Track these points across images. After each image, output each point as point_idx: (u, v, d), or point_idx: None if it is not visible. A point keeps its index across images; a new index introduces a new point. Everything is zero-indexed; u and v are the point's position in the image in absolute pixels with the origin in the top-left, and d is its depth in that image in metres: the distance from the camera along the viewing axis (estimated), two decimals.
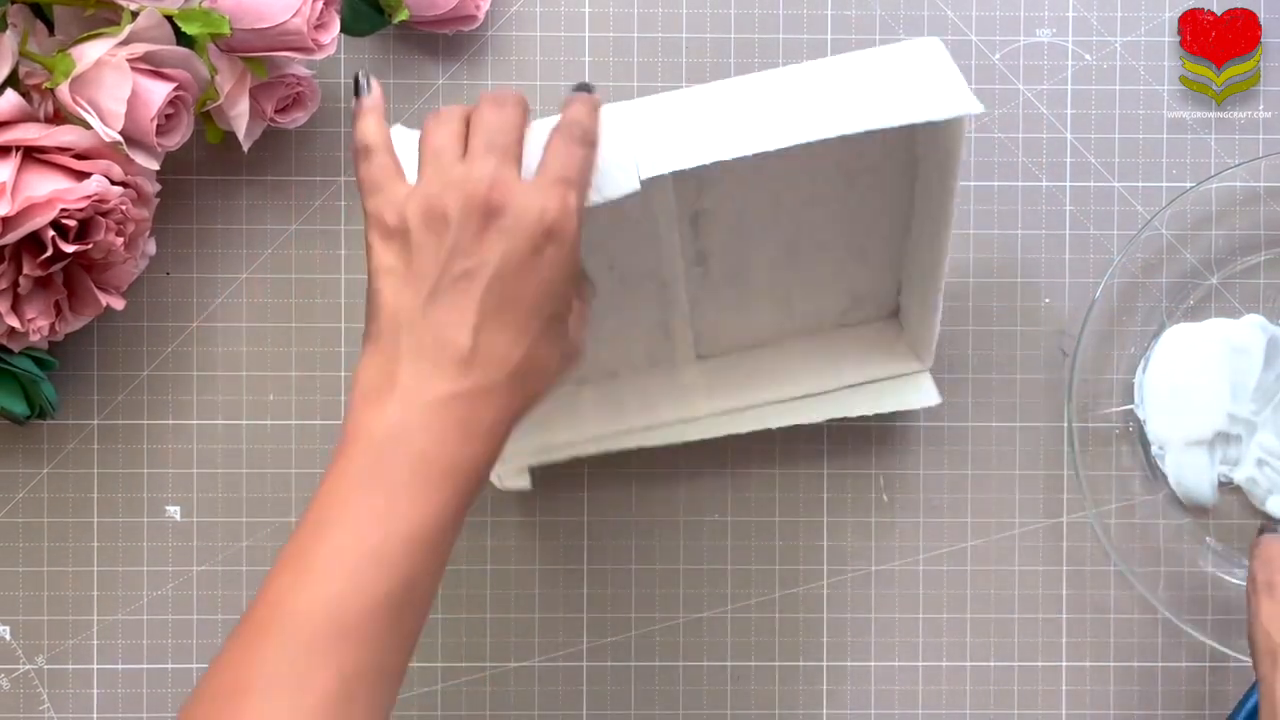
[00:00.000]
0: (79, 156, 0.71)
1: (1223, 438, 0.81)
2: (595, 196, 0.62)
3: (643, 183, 0.62)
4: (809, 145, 0.63)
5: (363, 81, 0.63)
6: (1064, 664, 0.82)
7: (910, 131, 0.71)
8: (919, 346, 0.79)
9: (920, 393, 0.79)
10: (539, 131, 0.61)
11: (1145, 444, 0.81)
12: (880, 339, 0.81)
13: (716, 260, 0.77)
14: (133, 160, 0.72)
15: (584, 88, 0.63)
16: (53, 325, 0.75)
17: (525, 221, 0.56)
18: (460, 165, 0.58)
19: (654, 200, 0.73)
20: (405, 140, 0.63)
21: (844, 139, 0.64)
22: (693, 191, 0.74)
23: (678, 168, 0.63)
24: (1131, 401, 0.81)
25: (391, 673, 0.53)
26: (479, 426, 0.55)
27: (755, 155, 0.63)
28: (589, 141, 0.60)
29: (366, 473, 0.53)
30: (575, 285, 0.59)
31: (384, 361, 0.56)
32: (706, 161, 0.63)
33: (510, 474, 0.76)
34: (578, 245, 0.58)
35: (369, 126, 0.61)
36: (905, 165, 0.75)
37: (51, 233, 0.70)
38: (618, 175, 0.62)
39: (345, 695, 0.51)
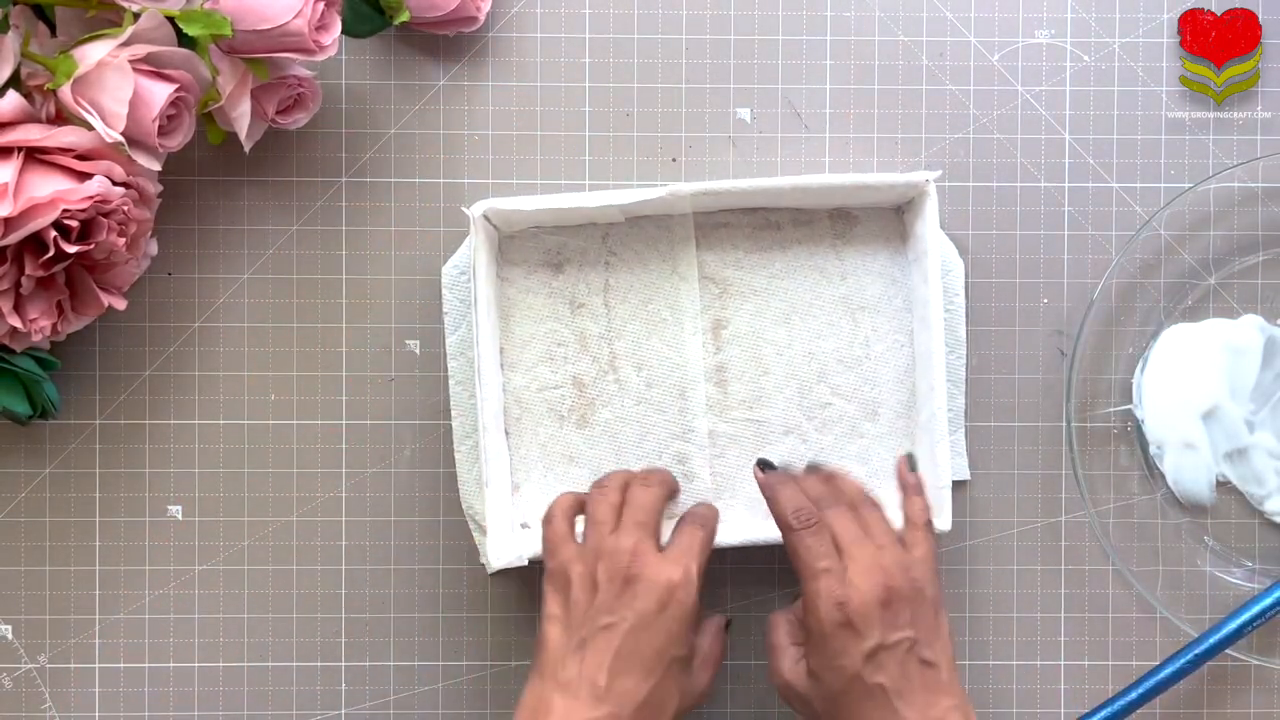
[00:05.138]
0: (81, 157, 0.71)
1: (1222, 438, 0.81)
2: None
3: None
4: (815, 268, 0.80)
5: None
6: (1062, 663, 0.82)
7: (907, 276, 0.80)
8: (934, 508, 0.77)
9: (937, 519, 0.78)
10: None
11: (1143, 444, 0.81)
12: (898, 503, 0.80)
13: (735, 383, 0.80)
14: (134, 161, 0.72)
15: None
16: (55, 325, 0.75)
17: (655, 587, 0.70)
18: (611, 537, 0.72)
19: (681, 296, 0.80)
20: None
21: (844, 276, 0.80)
22: (715, 296, 0.80)
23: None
24: (1130, 401, 0.81)
25: None
26: None
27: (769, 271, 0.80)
28: (708, 529, 0.74)
29: None
30: (693, 634, 0.73)
31: (543, 690, 0.70)
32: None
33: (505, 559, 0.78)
34: (696, 604, 0.71)
35: (556, 498, 0.76)
36: (902, 310, 0.80)
37: (53, 233, 0.70)
38: None
39: None
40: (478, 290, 0.77)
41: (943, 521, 0.77)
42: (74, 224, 0.71)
